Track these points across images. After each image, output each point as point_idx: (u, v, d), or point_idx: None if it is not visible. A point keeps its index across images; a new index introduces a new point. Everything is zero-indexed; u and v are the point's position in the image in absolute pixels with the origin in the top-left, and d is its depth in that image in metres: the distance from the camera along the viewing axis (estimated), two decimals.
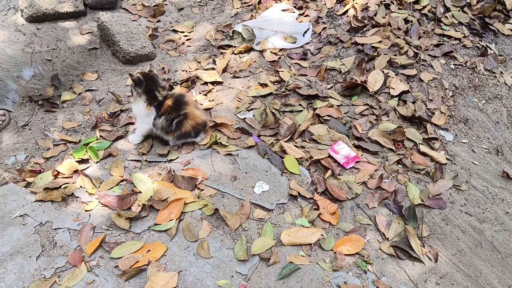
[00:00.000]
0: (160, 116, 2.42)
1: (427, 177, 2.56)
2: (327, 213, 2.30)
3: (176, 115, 2.43)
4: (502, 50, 3.46)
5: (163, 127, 2.45)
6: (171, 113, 2.42)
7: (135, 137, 2.57)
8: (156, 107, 2.42)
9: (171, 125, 2.44)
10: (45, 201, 2.17)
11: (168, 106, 2.42)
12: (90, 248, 1.97)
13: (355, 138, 2.71)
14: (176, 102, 2.44)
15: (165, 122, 2.43)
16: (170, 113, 2.42)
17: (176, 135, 2.48)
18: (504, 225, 2.37)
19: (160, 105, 2.42)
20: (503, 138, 2.87)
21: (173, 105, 2.42)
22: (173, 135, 2.48)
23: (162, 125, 2.44)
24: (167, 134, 2.50)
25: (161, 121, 2.43)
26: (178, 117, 2.43)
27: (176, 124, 2.44)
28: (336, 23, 3.52)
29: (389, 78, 3.07)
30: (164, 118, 2.42)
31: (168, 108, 2.42)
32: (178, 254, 1.98)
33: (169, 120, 2.43)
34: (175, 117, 2.42)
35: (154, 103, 2.40)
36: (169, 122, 2.43)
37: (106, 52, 3.27)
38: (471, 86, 3.12)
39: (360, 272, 2.05)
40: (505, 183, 2.59)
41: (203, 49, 3.43)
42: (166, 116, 2.42)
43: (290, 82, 3.08)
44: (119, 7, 3.74)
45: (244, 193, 2.33)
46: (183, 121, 2.44)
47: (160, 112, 2.42)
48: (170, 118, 2.42)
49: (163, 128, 2.46)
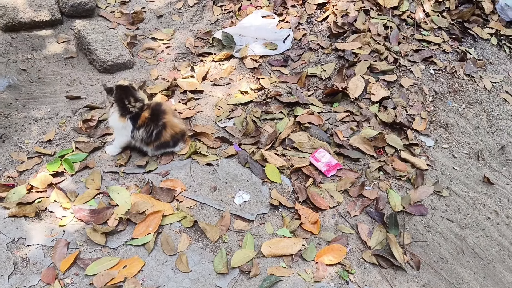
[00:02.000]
0: (138, 129, 2.37)
1: (409, 184, 2.55)
2: (308, 223, 2.27)
3: (155, 126, 2.38)
4: (482, 54, 3.49)
5: (143, 139, 2.40)
6: (150, 125, 2.37)
7: (112, 148, 2.51)
8: (132, 119, 2.36)
9: (150, 136, 2.39)
10: (18, 216, 2.10)
11: (145, 118, 2.37)
12: (64, 265, 1.90)
13: (336, 145, 2.70)
14: (153, 112, 2.39)
15: (145, 134, 2.38)
16: (149, 124, 2.37)
17: (155, 146, 2.44)
18: (486, 231, 2.37)
19: (136, 117, 2.36)
20: (483, 142, 2.89)
21: (150, 116, 2.37)
22: (153, 146, 2.44)
23: (142, 137, 2.39)
24: (146, 145, 2.45)
25: (140, 133, 2.38)
26: (157, 128, 2.38)
27: (156, 134, 2.39)
28: (317, 29, 3.51)
29: (369, 84, 3.07)
30: (144, 130, 2.37)
31: (146, 120, 2.37)
32: (155, 269, 1.93)
33: (149, 132, 2.38)
34: (154, 128, 2.38)
35: (127, 115, 2.35)
36: (149, 134, 2.38)
37: (83, 61, 3.20)
38: (451, 91, 3.13)
39: (342, 282, 2.02)
40: (486, 188, 2.60)
41: (183, 57, 3.39)
42: (145, 128, 2.37)
43: (271, 90, 3.06)
44: (97, 15, 3.68)
45: (224, 204, 2.29)
46: (162, 131, 2.39)
47: (138, 124, 2.37)
48: (150, 130, 2.38)
49: (142, 140, 2.41)
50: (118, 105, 2.34)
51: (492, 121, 3.03)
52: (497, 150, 2.85)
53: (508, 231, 2.39)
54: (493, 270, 2.20)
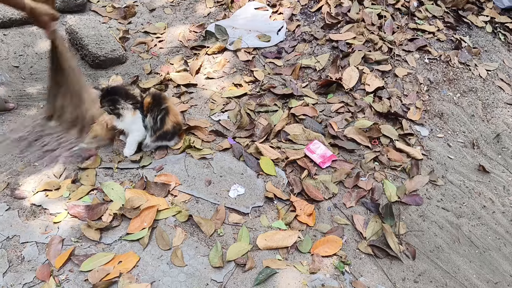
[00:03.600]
0: (146, 116, 2.40)
1: (404, 174, 2.54)
2: (304, 215, 2.26)
3: (159, 111, 2.40)
4: (476, 42, 3.47)
5: (152, 127, 2.42)
6: (154, 110, 2.40)
7: (129, 149, 2.48)
8: (140, 109, 2.39)
9: (156, 123, 2.41)
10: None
11: (148, 103, 2.39)
12: (59, 262, 1.90)
13: (331, 136, 2.69)
14: (154, 98, 2.42)
15: (152, 120, 2.41)
16: (153, 109, 2.40)
17: (157, 135, 2.44)
18: (481, 220, 2.37)
19: (141, 106, 2.39)
20: (478, 131, 2.88)
21: (153, 101, 2.40)
22: (156, 135, 2.44)
23: (151, 125, 2.41)
24: (154, 134, 2.45)
25: (148, 120, 2.41)
26: (161, 113, 2.40)
27: (160, 120, 2.41)
28: (310, 20, 3.49)
29: (364, 74, 3.05)
30: (150, 116, 2.40)
31: (149, 105, 2.39)
32: (151, 264, 1.92)
33: (155, 118, 2.40)
34: (158, 113, 2.40)
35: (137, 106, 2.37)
36: (155, 120, 2.41)
37: (75, 56, 3.18)
38: (446, 80, 3.11)
39: (338, 273, 2.02)
40: (481, 176, 2.60)
41: (176, 50, 3.37)
42: (151, 114, 2.40)
43: (265, 82, 3.04)
44: (88, 10, 3.65)
45: (219, 197, 2.28)
46: (165, 117, 2.41)
47: (145, 111, 2.40)
48: (155, 116, 2.40)
49: (152, 128, 2.43)
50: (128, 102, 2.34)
51: (487, 109, 3.02)
52: (492, 138, 2.84)
53: (504, 219, 2.39)
54: (489, 258, 2.20)
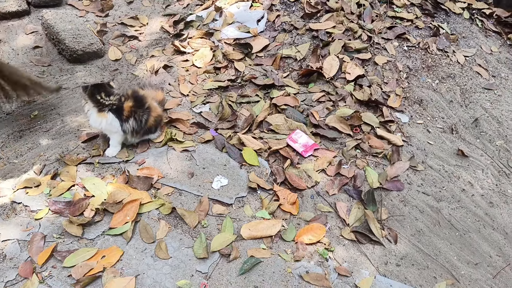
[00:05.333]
0: (127, 121, 2.31)
1: (385, 160, 2.58)
2: (287, 203, 2.28)
3: (143, 112, 2.35)
4: (454, 29, 3.51)
5: (134, 129, 2.35)
6: (137, 112, 2.33)
7: (111, 150, 2.42)
8: (115, 113, 2.29)
9: (141, 124, 2.36)
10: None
11: (130, 107, 2.32)
12: (41, 259, 1.88)
13: (313, 125, 2.70)
14: (136, 99, 2.35)
15: (135, 123, 2.34)
16: (137, 112, 2.33)
17: (141, 133, 2.41)
18: (461, 203, 2.41)
19: (120, 110, 2.30)
20: (457, 116, 2.92)
21: (135, 103, 2.33)
22: (140, 134, 2.41)
23: (132, 127, 2.34)
24: (136, 134, 2.40)
25: (130, 124, 2.32)
26: (145, 114, 2.36)
27: (145, 121, 2.37)
28: (290, 10, 3.48)
29: (344, 63, 3.07)
30: (133, 119, 2.33)
31: (131, 109, 2.32)
32: (135, 258, 1.92)
33: (139, 120, 2.35)
34: (142, 115, 2.35)
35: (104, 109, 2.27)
36: (139, 122, 2.35)
37: (52, 51, 3.12)
38: (425, 67, 3.15)
39: (322, 260, 2.05)
40: (460, 160, 2.64)
41: (156, 43, 3.33)
42: (134, 118, 2.32)
43: (246, 73, 3.03)
44: (65, 4, 3.58)
45: (202, 189, 2.28)
46: (149, 117, 2.38)
47: (125, 116, 2.31)
48: (139, 118, 2.34)
49: (134, 130, 2.36)
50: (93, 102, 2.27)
51: (466, 95, 3.07)
52: (470, 123, 2.89)
53: (483, 202, 2.44)
54: (469, 240, 2.25)
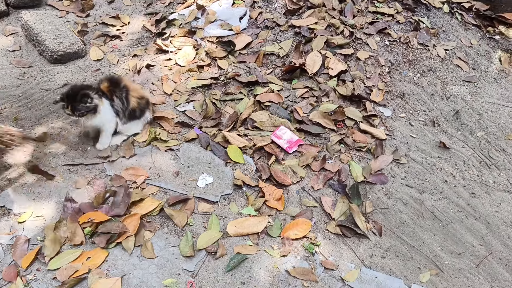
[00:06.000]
0: (113, 100, 2.38)
1: (369, 154, 2.60)
2: (273, 200, 2.29)
3: (120, 91, 2.40)
4: (434, 23, 3.55)
5: (122, 109, 2.41)
6: (115, 91, 2.39)
7: (102, 142, 2.46)
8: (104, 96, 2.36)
9: (124, 103, 2.41)
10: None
11: (106, 87, 2.38)
12: (25, 262, 1.87)
13: (297, 121, 2.71)
14: (110, 81, 2.41)
15: (119, 102, 2.40)
16: (115, 91, 2.39)
17: (127, 115, 2.44)
18: (443, 194, 2.45)
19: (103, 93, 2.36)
20: (438, 109, 2.96)
21: (110, 84, 2.39)
22: (125, 115, 2.44)
23: (120, 107, 2.40)
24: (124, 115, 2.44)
25: (117, 103, 2.39)
26: (123, 92, 2.40)
27: (125, 99, 2.41)
28: (272, 7, 3.49)
29: (327, 58, 3.08)
30: (116, 98, 2.39)
31: (109, 88, 2.38)
32: (120, 258, 1.91)
33: (121, 98, 2.40)
34: (121, 93, 2.40)
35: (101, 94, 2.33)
36: (122, 100, 2.40)
37: (33, 52, 3.08)
38: (406, 61, 3.19)
39: (308, 255, 2.06)
40: (442, 152, 2.68)
41: (138, 42, 3.31)
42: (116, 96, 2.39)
43: (229, 70, 3.03)
44: (45, 4, 3.53)
45: (188, 187, 2.28)
46: (128, 95, 2.41)
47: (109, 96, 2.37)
48: (119, 96, 2.39)
49: (122, 111, 2.42)
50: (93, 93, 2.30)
51: (446, 88, 3.11)
52: (451, 115, 2.94)
53: (465, 192, 2.48)
54: (452, 230, 2.29)
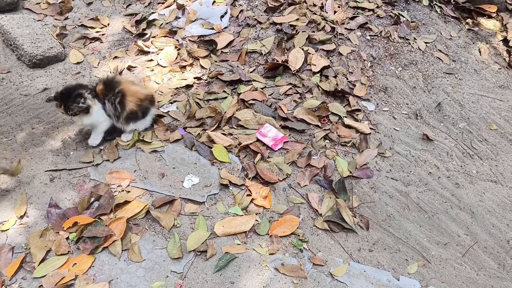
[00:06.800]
0: (104, 103, 2.35)
1: (354, 149, 2.62)
2: (260, 198, 2.29)
3: (114, 95, 2.35)
4: (414, 16, 3.59)
5: (114, 113, 2.38)
6: (108, 96, 2.34)
7: (94, 138, 2.46)
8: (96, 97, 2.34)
9: (116, 108, 2.36)
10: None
11: (101, 90, 2.34)
12: (10, 271, 1.83)
13: (281, 119, 2.71)
14: (106, 84, 2.36)
15: (111, 106, 2.36)
16: (107, 95, 2.34)
17: (123, 118, 2.40)
18: (428, 185, 2.48)
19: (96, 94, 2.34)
20: (420, 102, 3.00)
21: (104, 87, 2.34)
22: (122, 118, 2.41)
23: (112, 111, 2.37)
24: (118, 120, 2.41)
25: (108, 107, 2.35)
26: (116, 97, 2.35)
27: (119, 104, 2.36)
28: (253, 5, 3.48)
29: (309, 55, 3.09)
30: (108, 102, 2.35)
31: (102, 92, 2.34)
32: (107, 263, 1.89)
33: (113, 103, 2.35)
34: (115, 98, 2.35)
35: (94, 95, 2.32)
36: (114, 105, 2.36)
37: (11, 57, 3.02)
38: (388, 55, 3.21)
39: (297, 251, 2.07)
40: (425, 145, 2.71)
41: (118, 43, 3.27)
42: (108, 100, 2.35)
43: (212, 69, 3.02)
44: (21, 8, 3.46)
45: (173, 189, 2.27)
46: (123, 100, 2.36)
47: (101, 98, 2.34)
48: (112, 101, 2.35)
49: (114, 114, 2.38)
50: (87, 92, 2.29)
51: (428, 80, 3.15)
52: (434, 107, 2.97)
53: (449, 183, 2.51)
54: (438, 221, 2.32)
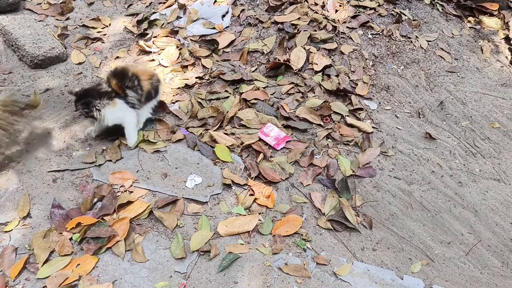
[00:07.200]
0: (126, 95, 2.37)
1: (356, 148, 2.61)
2: (262, 197, 2.28)
3: (130, 81, 2.37)
4: (416, 14, 3.58)
5: (139, 99, 2.41)
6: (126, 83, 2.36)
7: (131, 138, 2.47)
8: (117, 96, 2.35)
9: (138, 92, 2.40)
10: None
11: (115, 84, 2.35)
12: (13, 272, 1.84)
13: (284, 118, 2.71)
14: (116, 75, 2.37)
15: (134, 93, 2.39)
16: (126, 85, 2.36)
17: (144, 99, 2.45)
18: (431, 184, 2.47)
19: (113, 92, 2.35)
20: (423, 100, 2.99)
21: (118, 79, 2.36)
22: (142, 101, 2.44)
23: (136, 98, 2.40)
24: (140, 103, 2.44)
25: (131, 96, 2.38)
26: (134, 81, 2.38)
27: (139, 87, 2.40)
28: (254, 4, 3.48)
29: (311, 54, 3.09)
30: (131, 91, 2.37)
31: (118, 85, 2.35)
32: (111, 263, 1.89)
33: (135, 89, 2.38)
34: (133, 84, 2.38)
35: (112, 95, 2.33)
36: (136, 91, 2.39)
37: (12, 58, 3.01)
38: (389, 54, 3.21)
39: (300, 251, 2.06)
40: (428, 143, 2.71)
41: (120, 43, 3.27)
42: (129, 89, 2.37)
43: (214, 69, 3.02)
44: (23, 8, 3.46)
45: (176, 189, 2.26)
46: (139, 82, 2.39)
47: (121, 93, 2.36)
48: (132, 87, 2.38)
49: (140, 101, 2.42)
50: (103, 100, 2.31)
51: (430, 79, 3.14)
52: (436, 106, 2.97)
53: (452, 182, 2.51)
54: (441, 220, 2.31)
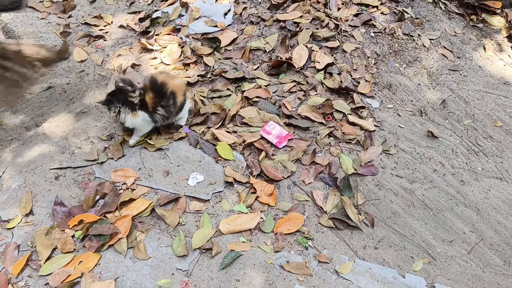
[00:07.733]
0: (154, 112, 2.34)
1: (358, 146, 2.61)
2: (264, 195, 2.29)
3: (167, 100, 2.36)
4: (418, 13, 3.57)
5: (165, 116, 2.40)
6: (162, 101, 2.34)
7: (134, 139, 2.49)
8: (143, 108, 2.31)
9: (169, 110, 2.39)
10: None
11: (151, 98, 2.32)
12: (16, 269, 1.85)
13: (286, 116, 2.71)
14: (154, 89, 2.33)
15: (164, 111, 2.37)
16: (160, 102, 2.34)
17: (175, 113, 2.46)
18: (433, 183, 2.47)
19: (143, 104, 2.31)
20: (425, 99, 2.98)
21: (155, 95, 2.33)
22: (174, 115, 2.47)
23: (163, 115, 2.39)
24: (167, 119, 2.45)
25: (160, 113, 2.37)
26: (170, 99, 2.36)
27: (173, 104, 2.39)
28: (256, 2, 3.47)
29: (313, 52, 3.08)
30: (161, 108, 2.35)
31: (154, 101, 2.33)
32: (113, 261, 1.90)
33: (166, 107, 2.37)
34: (167, 101, 2.36)
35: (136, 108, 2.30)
36: (167, 109, 2.37)
37: None
38: (392, 52, 3.20)
39: (302, 249, 2.07)
40: (430, 142, 2.70)
41: (122, 41, 3.27)
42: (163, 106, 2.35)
43: (216, 67, 3.02)
44: (25, 6, 3.46)
45: (178, 187, 2.27)
46: (175, 99, 2.38)
47: (151, 109, 2.33)
48: (166, 105, 2.36)
49: (164, 117, 2.41)
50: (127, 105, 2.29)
51: (432, 77, 3.13)
52: (438, 104, 2.96)
53: (454, 180, 2.50)
54: (443, 218, 2.31)
